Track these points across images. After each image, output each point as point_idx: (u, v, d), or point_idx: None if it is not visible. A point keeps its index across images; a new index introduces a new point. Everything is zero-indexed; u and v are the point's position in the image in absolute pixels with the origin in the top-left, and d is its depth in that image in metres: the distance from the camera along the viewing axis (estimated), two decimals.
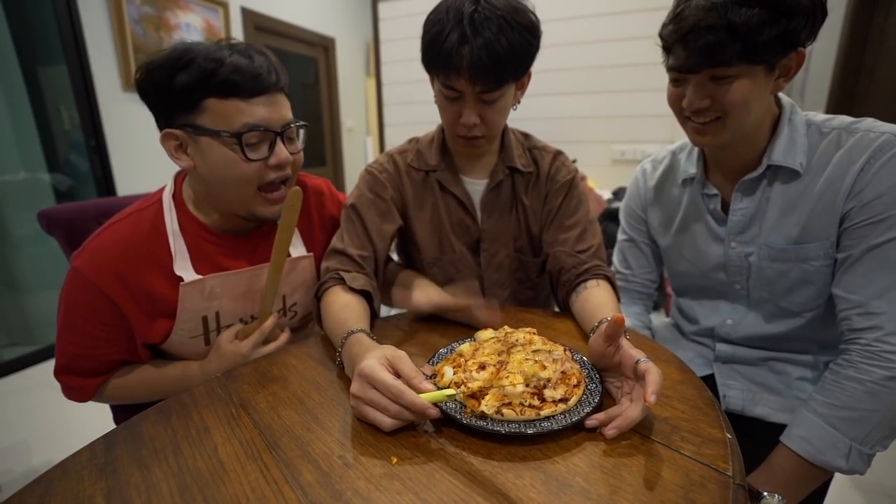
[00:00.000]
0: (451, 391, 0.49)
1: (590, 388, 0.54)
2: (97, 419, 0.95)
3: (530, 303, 0.96)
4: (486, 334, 0.63)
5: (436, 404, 0.48)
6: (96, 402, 0.80)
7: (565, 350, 0.58)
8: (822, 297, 0.74)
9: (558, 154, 0.91)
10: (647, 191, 0.93)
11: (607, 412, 0.49)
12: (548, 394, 0.51)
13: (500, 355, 0.56)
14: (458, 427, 0.50)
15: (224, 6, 2.98)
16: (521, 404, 0.49)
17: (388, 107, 3.15)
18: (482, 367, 0.53)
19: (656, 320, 1.02)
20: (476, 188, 0.88)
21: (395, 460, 0.45)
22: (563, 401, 0.50)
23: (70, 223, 0.85)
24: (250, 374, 0.64)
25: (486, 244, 0.89)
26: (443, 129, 0.88)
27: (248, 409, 0.55)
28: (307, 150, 0.79)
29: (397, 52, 3.02)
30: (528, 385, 0.51)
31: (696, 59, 0.64)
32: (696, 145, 0.76)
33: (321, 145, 4.30)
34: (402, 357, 0.52)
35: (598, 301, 0.72)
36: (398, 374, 0.50)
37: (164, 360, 0.80)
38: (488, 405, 0.49)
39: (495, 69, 0.69)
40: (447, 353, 0.63)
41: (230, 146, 0.67)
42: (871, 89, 2.13)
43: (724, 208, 0.80)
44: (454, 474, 0.43)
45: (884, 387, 0.63)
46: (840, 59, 2.16)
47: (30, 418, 1.81)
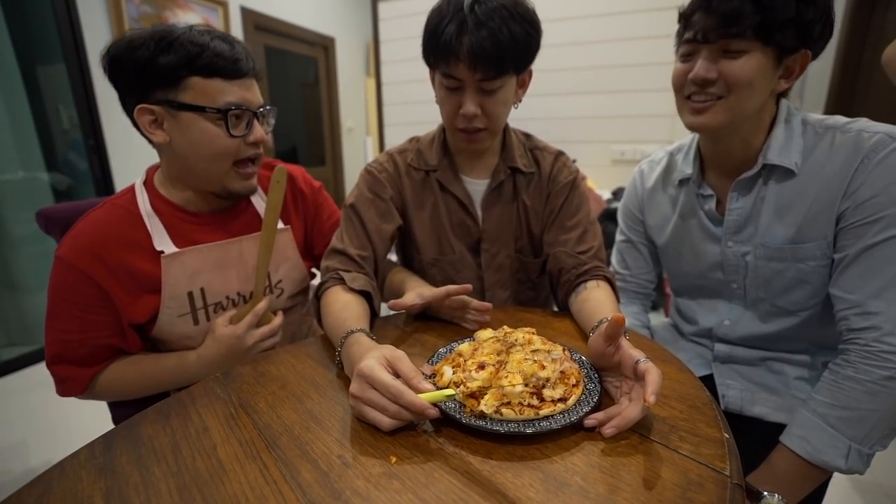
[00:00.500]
0: (451, 391, 0.49)
1: (588, 387, 0.54)
2: (96, 419, 0.95)
3: (530, 303, 0.96)
4: (486, 334, 0.63)
5: (435, 404, 0.49)
6: (93, 401, 0.79)
7: (564, 350, 0.58)
8: (818, 296, 0.74)
9: (560, 154, 0.90)
10: (644, 192, 0.93)
11: (606, 412, 0.49)
12: (547, 393, 0.51)
13: (499, 355, 0.56)
14: (457, 426, 0.50)
15: (224, 5, 2.97)
16: (520, 404, 0.50)
17: (388, 107, 3.15)
18: (481, 366, 0.53)
19: (655, 320, 1.02)
20: (477, 188, 0.87)
21: (394, 460, 0.45)
22: (562, 400, 0.50)
23: (68, 223, 0.84)
24: (249, 373, 0.64)
25: (487, 245, 0.89)
26: (444, 128, 0.87)
27: (247, 408, 0.55)
28: (307, 150, 0.79)
29: (397, 52, 3.01)
30: (527, 385, 0.51)
31: (715, 24, 0.64)
32: (692, 128, 0.75)
33: (321, 145, 4.26)
34: (401, 357, 0.52)
35: (597, 301, 0.72)
36: (397, 374, 0.50)
37: (161, 353, 0.80)
38: (487, 405, 0.49)
39: (496, 56, 0.69)
40: (446, 352, 0.63)
41: (213, 121, 0.71)
42: (870, 88, 2.13)
43: (720, 209, 0.80)
44: (453, 473, 0.43)
45: (883, 387, 0.63)
46: (839, 58, 2.16)
47: (28, 418, 1.81)
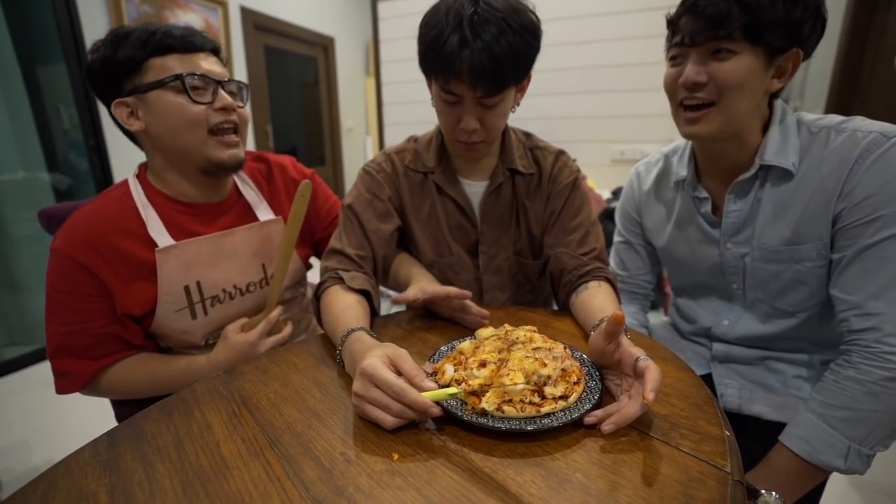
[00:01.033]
0: (454, 389, 0.49)
1: (589, 385, 0.54)
2: (98, 418, 0.95)
3: (529, 305, 0.96)
4: (487, 332, 0.63)
5: (437, 402, 0.49)
6: (95, 398, 0.80)
7: (565, 348, 0.58)
8: (816, 297, 0.74)
9: (560, 154, 0.89)
10: (641, 193, 0.93)
11: (606, 409, 0.49)
12: (548, 391, 0.51)
13: (500, 353, 0.56)
14: (459, 424, 0.50)
15: (223, 5, 2.97)
16: (522, 401, 0.50)
17: (388, 106, 3.15)
18: (483, 364, 0.54)
19: (654, 319, 1.03)
20: (475, 190, 0.87)
21: (397, 457, 0.46)
22: (564, 398, 0.50)
23: None
24: (251, 371, 0.64)
25: (485, 247, 0.88)
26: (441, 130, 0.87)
27: (250, 406, 0.56)
28: (307, 150, 0.80)
29: (397, 52, 3.01)
30: (528, 382, 0.51)
31: (701, 27, 0.65)
32: (688, 137, 0.74)
33: (321, 145, 4.27)
34: (403, 355, 0.52)
35: (598, 302, 0.72)
36: (400, 373, 0.50)
37: (171, 355, 0.81)
38: (489, 402, 0.49)
39: (496, 73, 0.67)
40: (448, 350, 0.63)
41: (176, 92, 0.73)
42: (870, 88, 2.13)
43: (715, 211, 0.80)
44: (455, 470, 0.44)
45: (884, 387, 0.63)
46: (840, 58, 2.16)
47: (30, 418, 1.81)
